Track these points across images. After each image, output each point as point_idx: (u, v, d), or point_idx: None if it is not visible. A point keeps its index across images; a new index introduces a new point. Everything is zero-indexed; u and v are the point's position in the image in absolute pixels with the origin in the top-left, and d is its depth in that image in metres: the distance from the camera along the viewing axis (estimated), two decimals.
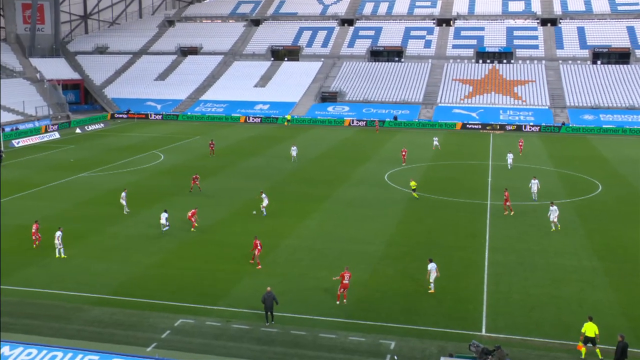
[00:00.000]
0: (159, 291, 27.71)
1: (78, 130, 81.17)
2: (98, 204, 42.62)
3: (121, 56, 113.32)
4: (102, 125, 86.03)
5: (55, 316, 25.25)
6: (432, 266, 28.08)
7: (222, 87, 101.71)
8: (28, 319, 24.97)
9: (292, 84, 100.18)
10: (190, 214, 36.69)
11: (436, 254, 31.38)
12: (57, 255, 31.92)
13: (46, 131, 79.61)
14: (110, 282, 28.64)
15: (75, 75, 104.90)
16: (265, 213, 39.33)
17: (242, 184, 48.75)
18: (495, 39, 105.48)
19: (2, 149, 63.64)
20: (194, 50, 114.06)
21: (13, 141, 69.70)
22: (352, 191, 46.36)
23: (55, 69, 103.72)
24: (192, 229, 36.35)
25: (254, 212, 39.54)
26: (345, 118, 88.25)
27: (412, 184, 44.45)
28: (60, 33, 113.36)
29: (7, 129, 75.69)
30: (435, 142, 64.96)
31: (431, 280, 27.95)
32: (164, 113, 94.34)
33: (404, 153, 57.36)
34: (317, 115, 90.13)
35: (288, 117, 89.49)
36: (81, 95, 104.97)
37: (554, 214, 36.20)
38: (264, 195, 40.01)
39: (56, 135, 76.56)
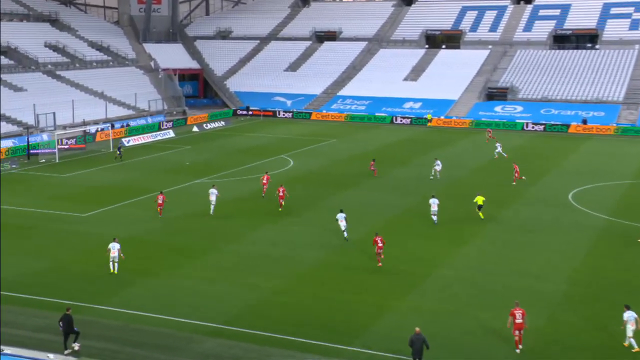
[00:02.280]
0: (282, 323, 28.29)
1: (195, 129, 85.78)
2: (214, 216, 44.57)
3: (246, 42, 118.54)
4: (222, 123, 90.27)
5: (164, 346, 26.47)
6: (629, 315, 26.37)
7: (365, 80, 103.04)
8: (133, 347, 26.37)
9: (451, 77, 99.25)
10: (280, 192, 45.03)
11: (636, 301, 29.43)
12: (112, 270, 33.54)
13: (160, 129, 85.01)
14: (226, 309, 29.68)
15: (194, 64, 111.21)
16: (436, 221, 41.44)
17: (386, 197, 49.04)
18: None
19: (121, 145, 68.81)
20: (331, 36, 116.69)
21: (123, 139, 75.11)
22: (524, 212, 45.30)
23: (172, 56, 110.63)
24: (280, 209, 44.53)
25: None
26: (517, 120, 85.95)
27: (479, 199, 43.71)
28: (178, 14, 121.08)
29: (117, 126, 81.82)
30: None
31: (629, 334, 26.22)
32: (295, 110, 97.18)
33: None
34: (480, 117, 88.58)
35: (428, 116, 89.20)
36: (200, 88, 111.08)
37: None
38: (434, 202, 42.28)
39: (170, 133, 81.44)
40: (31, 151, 66.86)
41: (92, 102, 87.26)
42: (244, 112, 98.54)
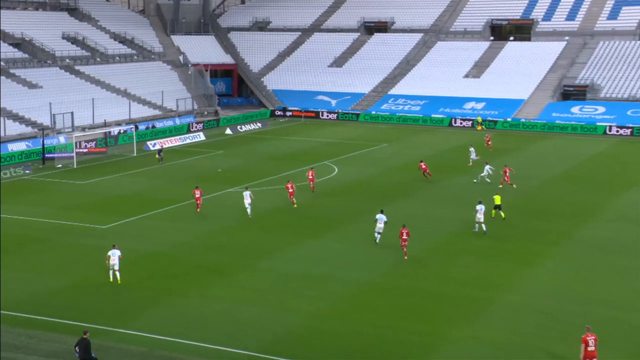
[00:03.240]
0: (325, 352, 28.31)
1: (228, 131, 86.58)
2: (247, 230, 44.91)
3: (286, 34, 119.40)
4: (259, 125, 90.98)
5: None
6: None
7: (420, 77, 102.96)
8: None
9: (519, 73, 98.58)
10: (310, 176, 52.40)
11: None
12: (112, 279, 35.03)
13: (189, 131, 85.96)
14: (262, 335, 29.80)
15: (228, 59, 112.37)
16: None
17: (442, 210, 48.94)
18: None
19: (162, 149, 69.85)
20: (382, 27, 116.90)
21: (148, 143, 76.22)
22: (605, 230, 44.76)
23: (203, 50, 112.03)
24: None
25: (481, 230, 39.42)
26: (598, 123, 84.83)
27: (497, 198, 46.81)
28: (210, 3, 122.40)
29: (142, 127, 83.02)
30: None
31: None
32: (340, 111, 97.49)
33: None
34: (554, 119, 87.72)
35: (479, 118, 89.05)
36: (233, 86, 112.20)
37: None
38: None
39: (201, 136, 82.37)
40: (46, 155, 68.23)
41: (114, 101, 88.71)
42: (283, 113, 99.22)
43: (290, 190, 50.34)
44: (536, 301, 33.38)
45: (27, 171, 62.95)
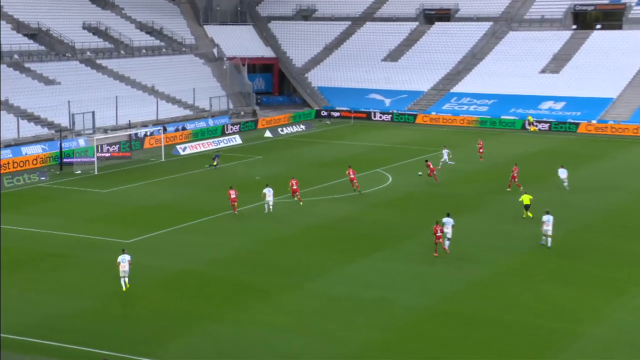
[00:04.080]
0: None
1: (268, 134, 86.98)
2: (290, 246, 45.04)
3: (334, 24, 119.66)
4: (302, 127, 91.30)
5: None
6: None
7: (488, 72, 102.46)
8: None
9: (607, 68, 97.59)
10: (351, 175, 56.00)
11: None
12: (124, 288, 36.56)
13: (223, 134, 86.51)
14: None
15: (268, 52, 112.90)
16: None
17: (513, 228, 48.58)
18: None
19: (219, 154, 70.53)
20: (444, 15, 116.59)
21: (177, 147, 76.81)
22: None
23: (240, 41, 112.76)
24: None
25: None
26: None
27: (525, 198, 49.40)
28: None
29: (170, 129, 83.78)
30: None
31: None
32: (395, 112, 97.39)
33: None
34: None
35: (530, 118, 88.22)
36: (274, 82, 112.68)
37: None
38: None
39: (237, 140, 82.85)
40: (64, 160, 69.16)
41: (140, 99, 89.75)
42: (330, 114, 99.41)
43: (295, 187, 53.62)
44: (629, 336, 32.68)
45: (43, 178, 63.85)
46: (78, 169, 67.82)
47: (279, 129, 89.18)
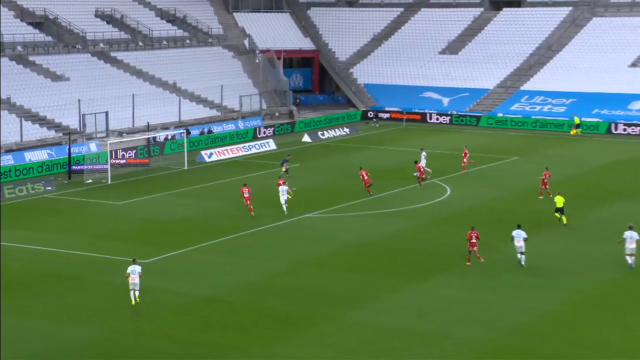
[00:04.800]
0: None
1: (307, 138, 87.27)
2: (330, 268, 44.88)
3: (383, 10, 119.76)
4: (346, 130, 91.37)
5: None
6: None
7: (566, 66, 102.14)
8: None
9: None
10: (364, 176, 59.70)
11: None
12: (134, 302, 37.80)
13: (255, 138, 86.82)
14: None
15: (307, 44, 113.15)
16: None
17: (594, 249, 48.21)
18: None
19: (288, 158, 70.92)
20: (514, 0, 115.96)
21: (202, 152, 77.14)
22: None
23: (275, 31, 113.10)
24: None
25: None
26: None
27: (559, 200, 51.88)
28: None
29: (195, 131, 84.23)
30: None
31: None
32: (454, 113, 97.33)
33: None
34: None
35: (576, 119, 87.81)
36: (314, 79, 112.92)
37: None
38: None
39: (270, 144, 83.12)
40: (73, 167, 69.74)
41: (160, 98, 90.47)
42: (378, 115, 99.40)
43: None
44: None
45: (49, 187, 64.36)
46: (89, 177, 68.28)
47: (319, 133, 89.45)
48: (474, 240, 43.94)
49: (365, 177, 60.93)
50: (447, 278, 43.33)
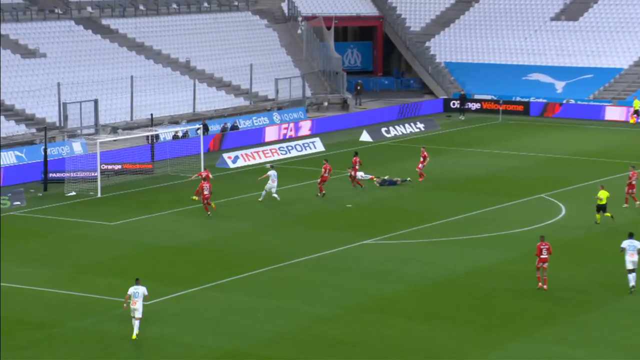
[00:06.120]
0: None
1: (366, 137, 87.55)
2: (395, 314, 44.69)
3: None
4: (420, 126, 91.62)
5: None
6: None
7: None
8: None
9: None
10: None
11: None
12: (135, 335, 39.36)
13: (295, 133, 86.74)
14: None
15: (367, 9, 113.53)
16: None
17: None
18: None
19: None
20: None
21: (225, 156, 77.08)
22: None
23: None
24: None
25: None
26: None
27: (603, 195, 56.89)
28: None
29: (214, 127, 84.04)
30: None
31: None
32: (572, 101, 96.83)
33: None
34: None
35: (636, 104, 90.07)
36: (376, 56, 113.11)
37: None
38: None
39: (317, 145, 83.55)
40: (51, 175, 69.82)
41: (167, 81, 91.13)
42: (463, 105, 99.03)
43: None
44: None
45: (17, 202, 64.64)
46: (71, 189, 68.57)
47: (383, 129, 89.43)
48: (544, 255, 44.83)
49: (325, 174, 63.62)
50: (562, 330, 42.88)
